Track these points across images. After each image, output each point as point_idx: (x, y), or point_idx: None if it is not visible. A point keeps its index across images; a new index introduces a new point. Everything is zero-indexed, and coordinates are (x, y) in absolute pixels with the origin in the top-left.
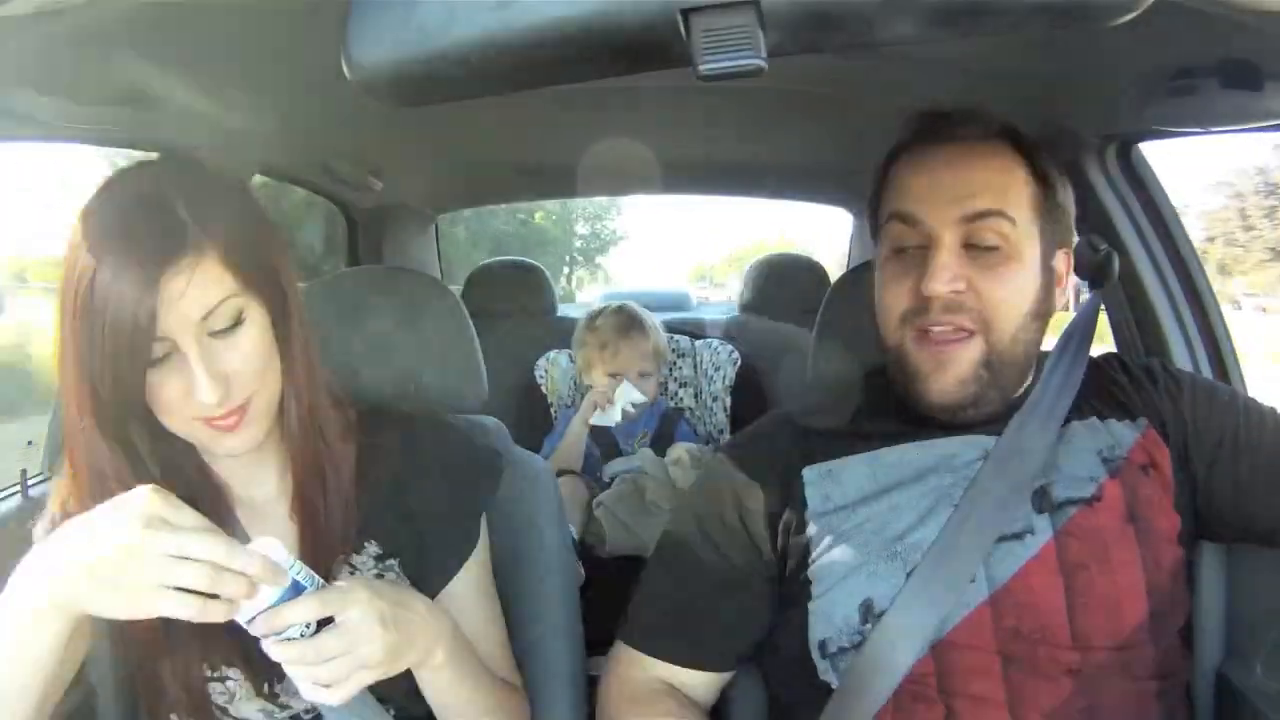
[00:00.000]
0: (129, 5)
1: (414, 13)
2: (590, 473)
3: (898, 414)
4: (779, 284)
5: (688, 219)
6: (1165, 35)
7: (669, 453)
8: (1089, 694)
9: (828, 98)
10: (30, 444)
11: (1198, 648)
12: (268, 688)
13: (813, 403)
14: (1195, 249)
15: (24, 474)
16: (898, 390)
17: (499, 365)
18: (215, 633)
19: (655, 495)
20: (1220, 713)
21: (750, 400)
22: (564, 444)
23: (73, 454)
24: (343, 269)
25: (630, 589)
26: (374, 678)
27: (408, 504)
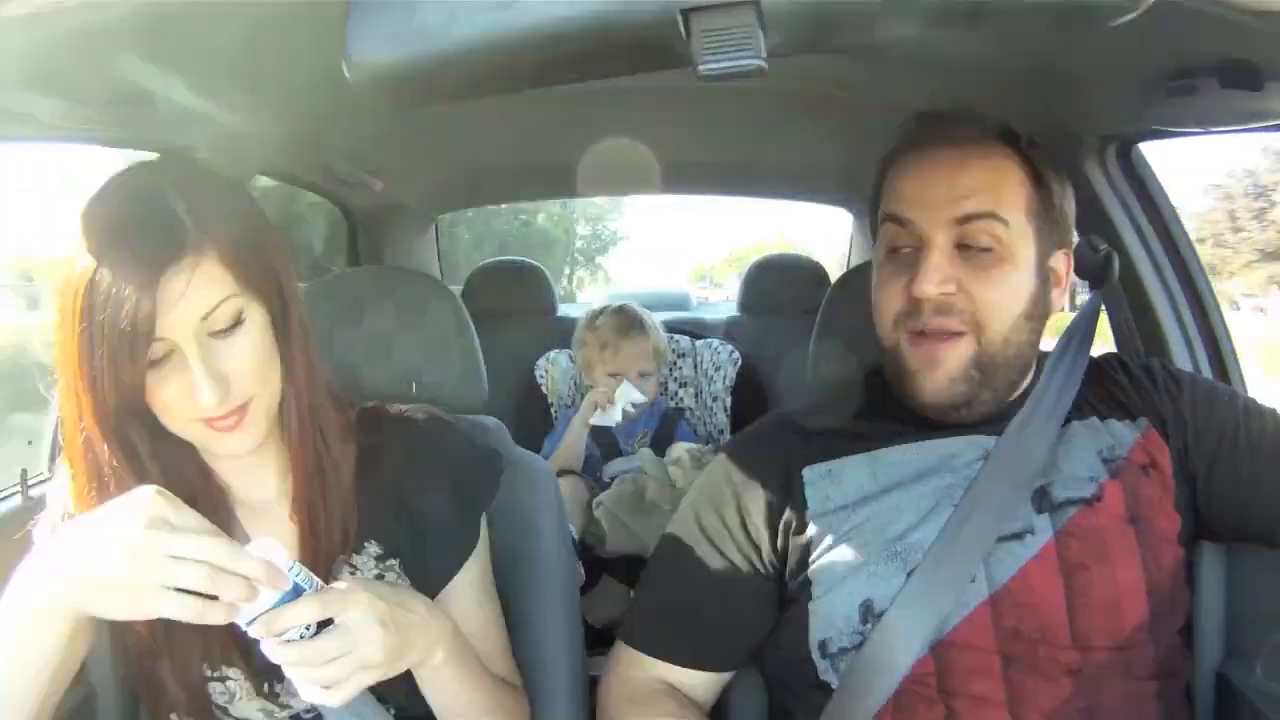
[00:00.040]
0: (129, 5)
1: (414, 13)
2: (590, 473)
3: (898, 414)
4: (779, 284)
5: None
6: (1165, 35)
7: (669, 453)
8: (1089, 694)
9: (828, 98)
10: (30, 444)
11: (1198, 648)
12: (268, 687)
13: (813, 403)
14: (1195, 249)
15: (24, 474)
16: (895, 390)
17: (499, 365)
18: (215, 632)
19: (655, 495)
20: (1220, 713)
21: (750, 400)
22: (564, 444)
23: (72, 454)
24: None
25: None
26: (374, 679)
27: (408, 504)
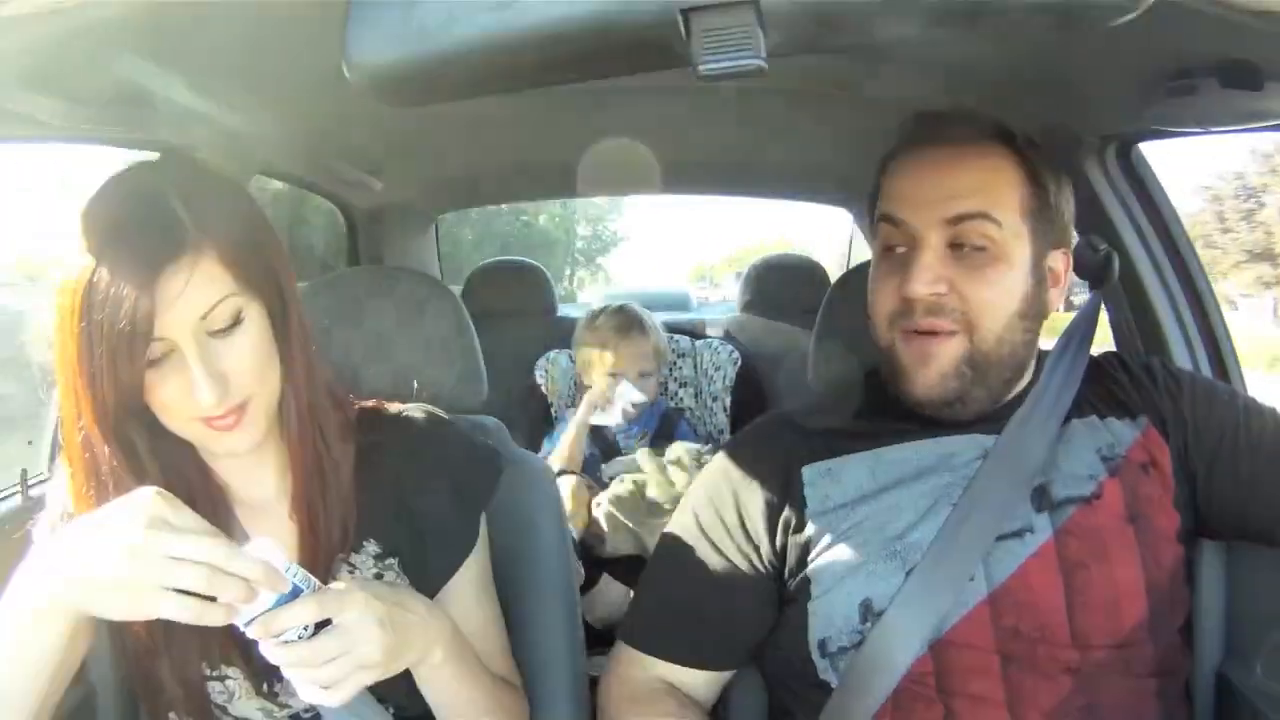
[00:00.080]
0: (129, 5)
1: (414, 13)
2: (590, 473)
3: (897, 413)
4: (779, 284)
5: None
6: (1165, 35)
7: (669, 453)
8: (1088, 692)
9: (828, 98)
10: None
11: (1198, 647)
12: (267, 687)
13: (812, 402)
14: (1195, 249)
15: (24, 474)
16: (891, 389)
17: (499, 365)
18: (214, 632)
19: (655, 495)
20: (1220, 712)
21: (750, 400)
22: (563, 444)
23: (72, 454)
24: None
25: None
26: (373, 678)
27: (407, 503)
